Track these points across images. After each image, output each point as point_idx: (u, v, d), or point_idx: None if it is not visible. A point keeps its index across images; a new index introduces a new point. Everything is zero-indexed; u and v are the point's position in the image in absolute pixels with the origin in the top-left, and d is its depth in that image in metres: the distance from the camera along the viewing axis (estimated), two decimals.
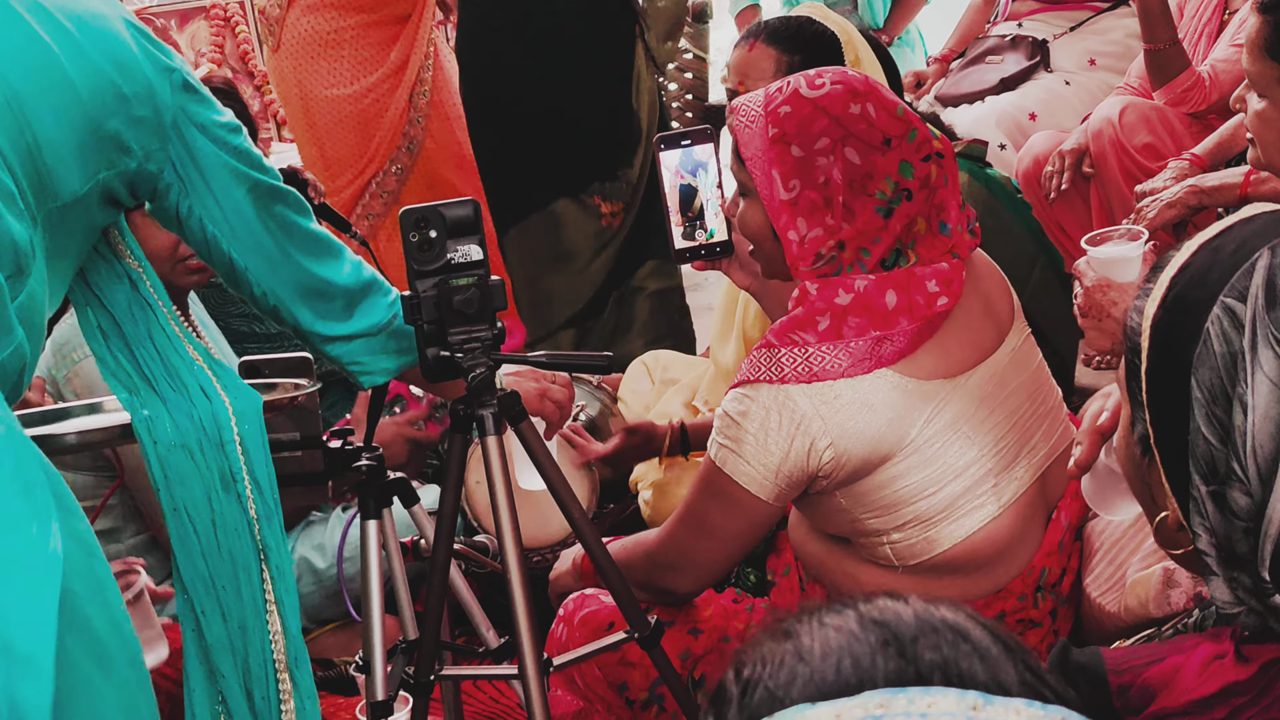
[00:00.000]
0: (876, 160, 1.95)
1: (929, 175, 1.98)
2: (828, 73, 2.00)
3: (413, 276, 1.89)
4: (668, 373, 3.22)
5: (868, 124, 1.95)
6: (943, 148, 2.00)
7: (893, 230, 1.97)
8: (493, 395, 1.90)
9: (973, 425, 2.02)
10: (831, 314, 1.95)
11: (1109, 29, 4.35)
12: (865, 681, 0.72)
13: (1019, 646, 0.76)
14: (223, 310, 3.27)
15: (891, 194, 1.96)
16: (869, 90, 1.97)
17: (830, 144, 1.95)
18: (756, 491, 2.01)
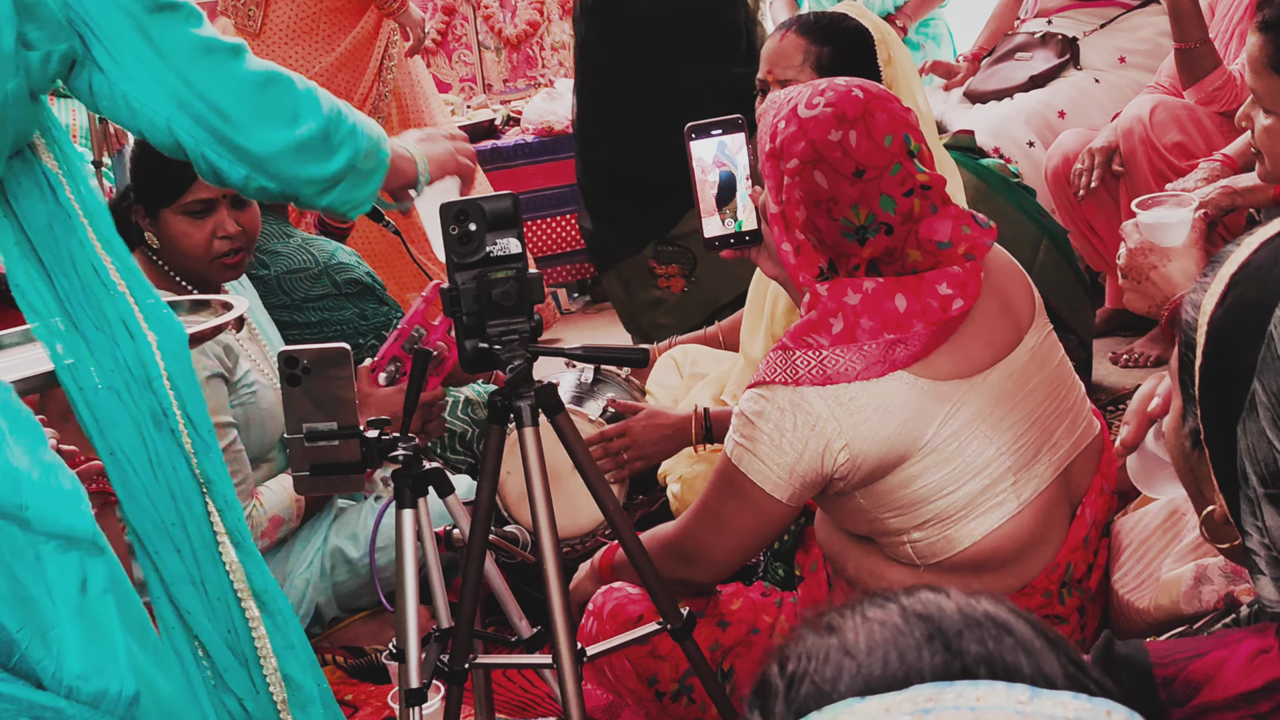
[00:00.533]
0: (844, 188, 1.98)
1: (911, 209, 2.00)
2: (831, 92, 2.01)
3: (452, 269, 1.91)
4: (696, 367, 3.23)
5: (843, 152, 1.97)
6: (930, 180, 2.02)
7: (868, 257, 2.01)
8: (530, 387, 1.92)
9: (991, 424, 2.03)
10: (844, 315, 1.98)
11: (1139, 26, 4.34)
12: (912, 675, 0.73)
13: (1060, 639, 0.77)
14: (266, 302, 3.31)
15: (864, 222, 1.99)
16: (861, 115, 1.98)
17: (800, 166, 1.99)
18: (771, 491, 2.03)
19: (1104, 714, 0.71)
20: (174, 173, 2.74)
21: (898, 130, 1.99)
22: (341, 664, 2.88)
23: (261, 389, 2.85)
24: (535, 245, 5.35)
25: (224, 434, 2.71)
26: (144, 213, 2.78)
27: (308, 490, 2.05)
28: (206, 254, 2.77)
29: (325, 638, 2.96)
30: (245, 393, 2.81)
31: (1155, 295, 2.33)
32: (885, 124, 1.99)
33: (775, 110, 2.06)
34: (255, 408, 2.83)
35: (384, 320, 3.45)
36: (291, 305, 3.35)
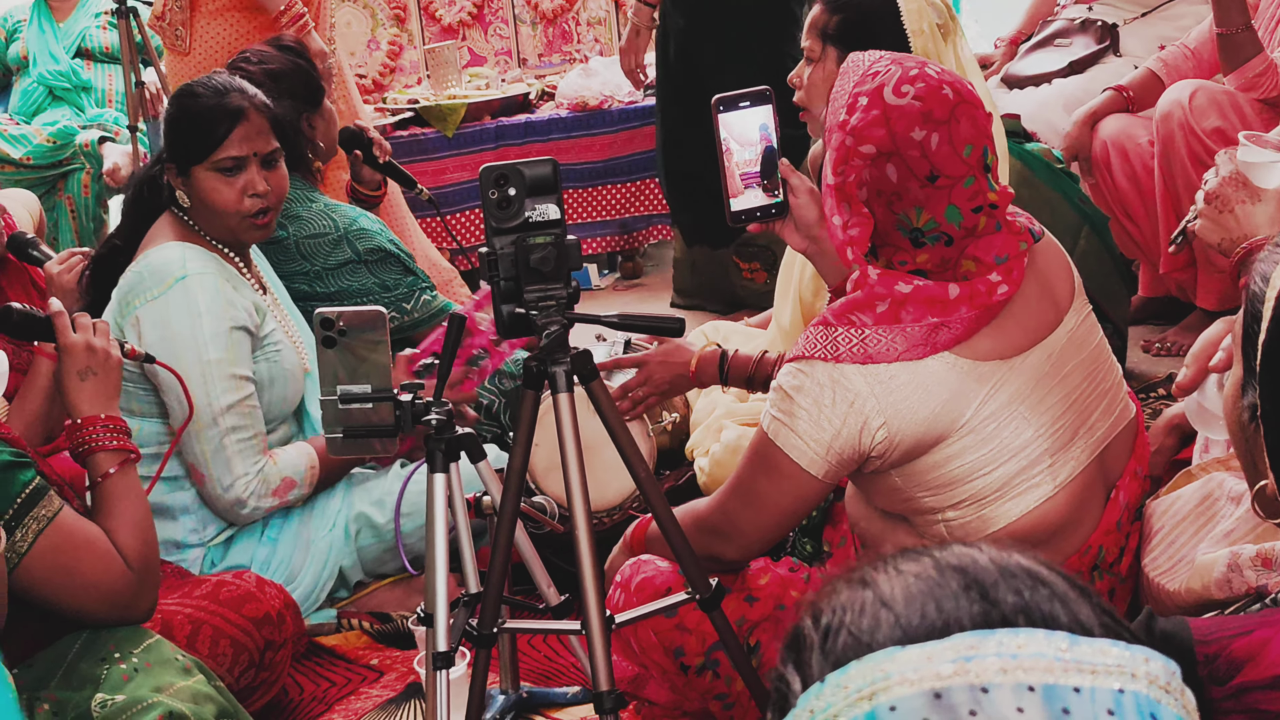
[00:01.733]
0: (912, 188, 1.95)
1: (975, 225, 1.99)
2: (922, 81, 1.96)
3: (490, 233, 1.91)
4: (727, 343, 3.22)
5: (922, 153, 1.94)
6: (998, 199, 2.00)
7: (923, 264, 2.00)
8: (565, 353, 1.93)
9: (1029, 405, 2.02)
10: (891, 300, 1.97)
11: (1181, 14, 4.30)
12: (951, 624, 0.73)
13: (1092, 590, 0.77)
14: (284, 269, 3.31)
15: (922, 225, 1.97)
16: (948, 119, 1.94)
17: (875, 153, 1.96)
18: (807, 466, 2.02)
19: (1143, 661, 0.72)
20: (207, 130, 2.75)
21: (978, 141, 1.96)
22: (368, 629, 2.89)
23: (286, 350, 2.87)
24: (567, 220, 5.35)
25: (241, 386, 2.72)
26: (176, 171, 2.79)
27: (340, 452, 2.06)
28: (236, 212, 2.78)
29: (351, 602, 2.98)
30: (271, 350, 2.83)
31: (1233, 230, 2.28)
32: (968, 132, 1.95)
33: (857, 80, 2.01)
34: (279, 367, 2.84)
35: (406, 292, 3.42)
36: (311, 273, 3.35)
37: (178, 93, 2.86)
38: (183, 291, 2.69)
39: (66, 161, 5.17)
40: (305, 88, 3.40)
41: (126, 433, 2.32)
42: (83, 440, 2.28)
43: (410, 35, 5.95)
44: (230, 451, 2.72)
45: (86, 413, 2.30)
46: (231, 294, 2.75)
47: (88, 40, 5.52)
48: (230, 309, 2.72)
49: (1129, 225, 3.92)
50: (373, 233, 3.39)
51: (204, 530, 2.83)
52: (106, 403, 2.32)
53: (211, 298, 2.70)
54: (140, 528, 2.21)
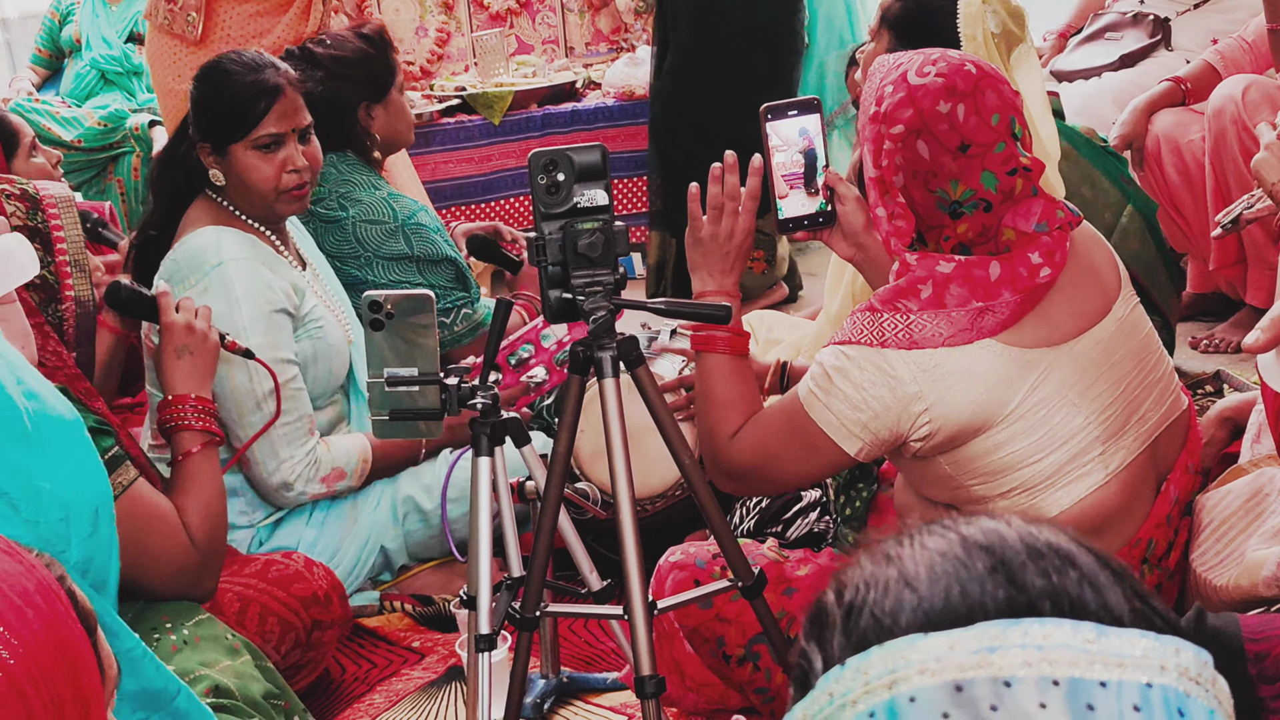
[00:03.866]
0: (945, 161, 1.97)
1: (1013, 189, 1.99)
2: (943, 61, 1.99)
3: (539, 219, 1.92)
4: (772, 332, 3.23)
5: (950, 125, 1.96)
6: (1032, 164, 2.01)
7: (964, 234, 1.99)
8: (612, 338, 1.93)
9: (1078, 392, 2.01)
10: (934, 282, 1.97)
11: (1233, 8, 4.26)
12: (976, 610, 0.72)
13: (1125, 570, 0.75)
14: (340, 250, 3.33)
15: (959, 198, 1.98)
16: (972, 91, 1.96)
17: (905, 133, 1.98)
18: (840, 441, 2.02)
19: (1172, 652, 0.70)
20: (245, 108, 2.76)
21: (1005, 111, 1.98)
22: (410, 611, 2.91)
23: (329, 325, 2.89)
24: None
25: (285, 370, 2.74)
26: (210, 150, 2.80)
27: (386, 434, 2.07)
28: (275, 188, 2.80)
29: (394, 585, 3.00)
30: (314, 327, 2.84)
31: None
32: (995, 102, 1.97)
33: (883, 74, 2.05)
34: (324, 343, 2.86)
35: (453, 305, 3.42)
36: (363, 259, 3.36)
37: (207, 71, 2.85)
38: (219, 278, 2.71)
39: (117, 144, 5.22)
40: (370, 77, 3.41)
41: (213, 415, 2.39)
42: (171, 416, 2.35)
43: (458, 22, 5.96)
44: (275, 435, 2.74)
45: (179, 390, 2.37)
46: (269, 276, 2.77)
47: (140, 25, 5.57)
48: (268, 292, 2.74)
49: (1179, 219, 3.89)
50: (429, 229, 3.40)
51: (253, 513, 2.85)
52: (200, 383, 2.39)
53: (249, 283, 2.72)
54: (211, 509, 2.24)
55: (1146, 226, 3.29)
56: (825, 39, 5.36)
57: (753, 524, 2.72)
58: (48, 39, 5.77)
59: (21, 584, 0.94)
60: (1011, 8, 2.83)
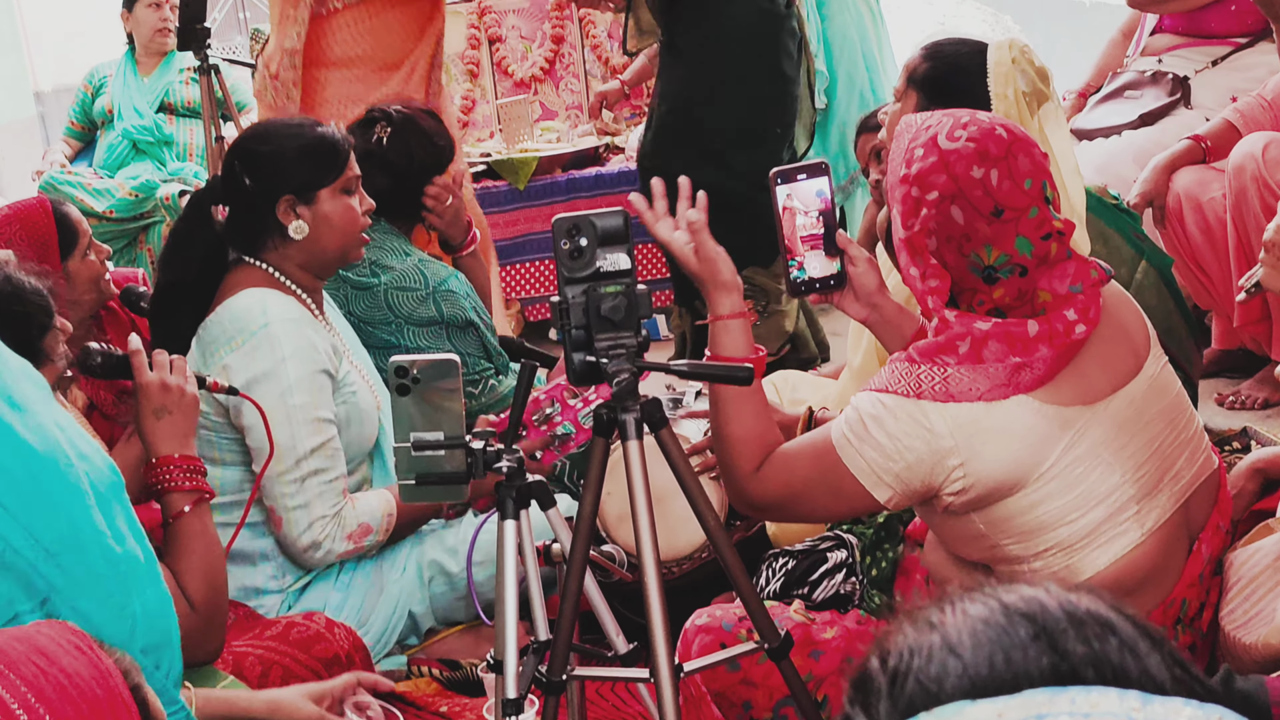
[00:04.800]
0: (979, 226, 1.99)
1: (1048, 253, 2.01)
2: (974, 125, 2.01)
3: (563, 283, 1.94)
4: (796, 392, 3.23)
5: (984, 190, 1.98)
6: (1064, 226, 2.03)
7: (1000, 300, 2.01)
8: (635, 400, 1.95)
9: (1113, 451, 2.02)
10: (972, 338, 1.98)
11: (1252, 65, 4.28)
12: (1021, 678, 0.72)
13: (1162, 637, 0.76)
14: (371, 316, 3.36)
15: (994, 262, 1.99)
16: (1004, 155, 1.98)
17: (939, 198, 2.00)
18: (871, 488, 2.03)
19: None
20: (331, 154, 2.84)
21: (1037, 175, 2.00)
22: (437, 676, 2.91)
23: (361, 389, 2.91)
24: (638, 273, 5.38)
25: (325, 429, 2.76)
26: (296, 201, 2.83)
27: (413, 498, 2.08)
28: (358, 229, 2.88)
29: (421, 649, 3.00)
30: (347, 392, 2.87)
31: None
32: (1027, 167, 1.99)
33: (911, 136, 2.06)
34: (356, 407, 2.88)
35: (476, 377, 3.44)
36: (394, 325, 3.40)
37: (268, 130, 2.92)
38: (266, 338, 2.73)
39: (148, 214, 5.29)
40: (432, 150, 3.51)
41: (201, 472, 2.34)
42: (157, 479, 2.31)
43: (483, 90, 6.03)
44: (311, 494, 2.75)
45: (162, 452, 2.32)
46: (313, 337, 2.79)
47: (171, 95, 5.66)
48: (313, 352, 2.76)
49: (1202, 277, 3.90)
50: (459, 296, 3.44)
51: (283, 578, 2.86)
52: (182, 441, 2.34)
53: (295, 342, 2.74)
54: (209, 570, 2.22)
55: (1162, 282, 3.30)
56: (845, 98, 5.39)
57: (779, 585, 2.72)
58: (80, 111, 5.86)
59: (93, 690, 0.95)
60: (1038, 67, 2.85)
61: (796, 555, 2.67)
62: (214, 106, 5.04)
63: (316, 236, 2.84)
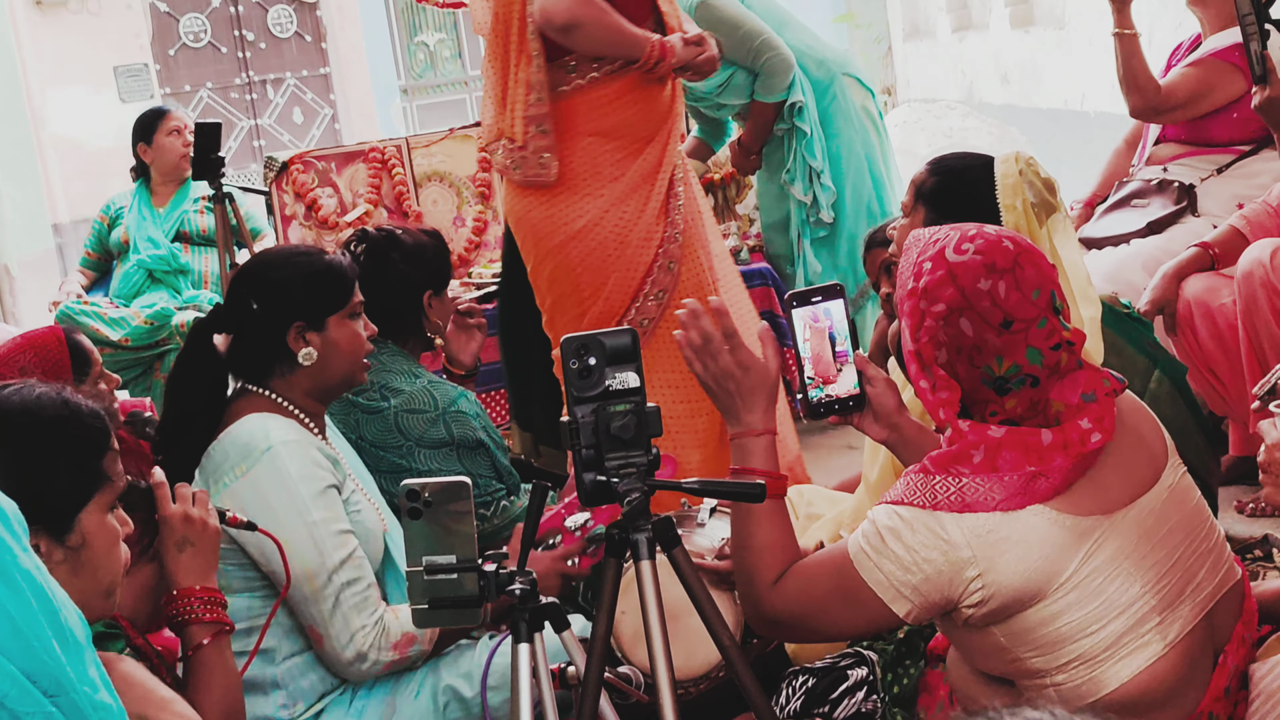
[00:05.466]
0: (989, 338, 2.00)
1: (1058, 363, 2.02)
2: (980, 238, 2.04)
3: (572, 403, 1.95)
4: (812, 508, 3.22)
5: (992, 302, 2.00)
6: (1074, 336, 2.04)
7: (1012, 410, 2.01)
8: (647, 520, 1.94)
9: (1134, 561, 2.00)
10: (987, 447, 1.98)
11: (1257, 172, 4.31)
12: None
13: None
14: (382, 440, 3.36)
15: (1005, 373, 2.01)
16: (1011, 267, 2.01)
17: (947, 310, 2.02)
18: (890, 602, 2.02)
19: None
20: (340, 280, 2.88)
21: (1045, 286, 2.02)
22: None
23: (365, 509, 2.90)
24: None
25: (348, 541, 2.74)
26: (306, 327, 2.85)
27: (427, 623, 2.07)
28: (363, 354, 2.91)
29: None
30: (352, 511, 2.86)
31: None
32: (1034, 277, 2.01)
33: (919, 249, 2.08)
34: (362, 527, 2.86)
35: (492, 498, 3.43)
36: (405, 447, 3.39)
37: (283, 257, 2.96)
38: (270, 462, 2.73)
39: (163, 342, 5.33)
40: (432, 266, 3.55)
41: (222, 605, 2.35)
42: (178, 611, 2.32)
43: (495, 212, 6.09)
44: (347, 606, 2.72)
45: (183, 584, 2.34)
46: (316, 455, 2.79)
47: (186, 224, 5.74)
48: (318, 470, 2.76)
49: (1215, 384, 3.89)
50: (469, 416, 3.44)
51: (295, 705, 2.82)
52: (204, 574, 2.36)
53: (300, 462, 2.74)
54: (228, 702, 2.22)
55: (1177, 390, 3.29)
56: (853, 212, 5.43)
57: (799, 704, 2.68)
58: (96, 242, 5.93)
59: None
60: (1044, 178, 2.88)
61: (816, 673, 2.64)
62: (228, 234, 5.11)
63: (325, 363, 2.86)
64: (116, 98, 12.35)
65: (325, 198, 5.40)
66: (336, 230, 5.34)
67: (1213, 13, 4.38)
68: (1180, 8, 4.62)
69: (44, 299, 6.37)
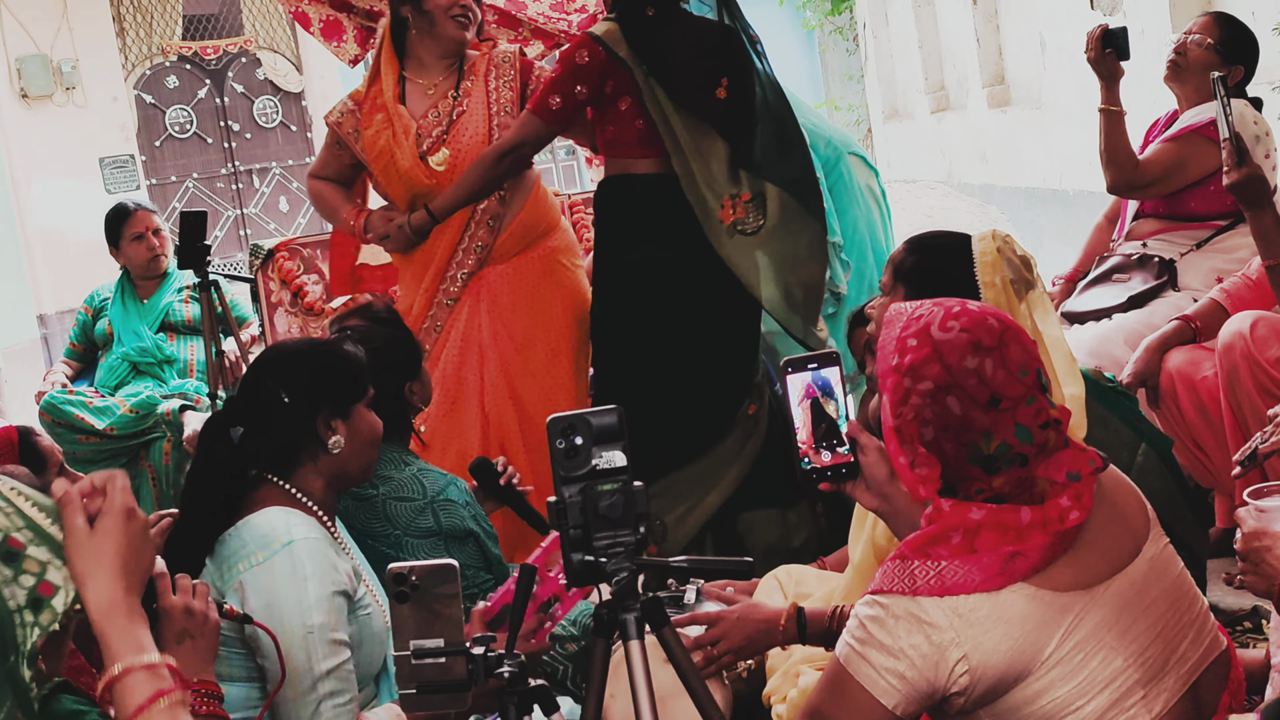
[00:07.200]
0: (976, 416, 2.01)
1: (1046, 441, 2.03)
2: (965, 315, 2.05)
3: (559, 482, 1.95)
4: (801, 587, 3.21)
5: (979, 380, 2.01)
6: (1061, 414, 2.05)
7: (1000, 488, 2.02)
8: (636, 599, 1.93)
9: (1116, 635, 2.00)
10: (965, 529, 1.99)
11: (1235, 247, 4.35)
12: None
13: None
14: (370, 528, 3.34)
15: (994, 451, 2.01)
16: (997, 345, 2.02)
17: (933, 388, 2.02)
18: (880, 698, 2.00)
19: None
20: (359, 370, 2.94)
21: (1030, 364, 2.03)
22: None
23: (375, 611, 2.88)
24: None
25: (340, 651, 2.71)
26: (330, 415, 2.86)
27: (415, 708, 2.06)
28: (379, 442, 2.96)
29: None
30: (362, 613, 2.83)
31: (1275, 576, 2.31)
32: (1020, 355, 2.02)
33: (902, 325, 2.09)
34: (369, 629, 2.84)
35: (478, 589, 3.40)
36: (393, 537, 3.37)
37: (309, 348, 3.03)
38: (289, 557, 2.70)
39: (148, 431, 5.31)
40: (406, 357, 3.56)
41: (219, 698, 2.34)
42: None
43: None
44: (326, 717, 2.70)
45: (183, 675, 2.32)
46: (334, 558, 2.77)
47: (171, 315, 5.72)
48: (333, 573, 2.73)
49: (1200, 456, 3.90)
50: (458, 505, 3.42)
51: None
52: (202, 666, 2.34)
53: (317, 563, 2.72)
54: None
55: (1163, 463, 3.31)
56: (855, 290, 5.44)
57: None
58: (80, 333, 5.92)
59: None
60: (1021, 255, 2.91)
61: None
62: (214, 322, 5.11)
63: (351, 451, 2.88)
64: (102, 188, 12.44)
65: (311, 284, 5.43)
66: (322, 316, 5.36)
67: (1190, 89, 4.45)
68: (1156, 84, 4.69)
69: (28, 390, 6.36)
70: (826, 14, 13.62)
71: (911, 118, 12.50)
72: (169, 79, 13.55)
